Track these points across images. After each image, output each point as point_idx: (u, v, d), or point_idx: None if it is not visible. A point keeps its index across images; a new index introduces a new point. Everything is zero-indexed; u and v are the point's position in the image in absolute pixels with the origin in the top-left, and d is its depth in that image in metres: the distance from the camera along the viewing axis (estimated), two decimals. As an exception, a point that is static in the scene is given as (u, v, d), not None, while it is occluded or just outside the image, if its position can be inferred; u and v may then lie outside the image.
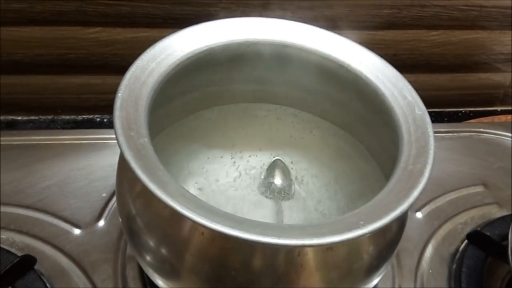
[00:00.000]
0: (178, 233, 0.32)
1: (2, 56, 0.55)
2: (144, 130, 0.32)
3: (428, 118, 0.36)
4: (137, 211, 0.35)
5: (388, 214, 0.28)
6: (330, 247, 0.31)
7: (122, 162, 0.37)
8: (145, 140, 0.31)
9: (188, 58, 0.38)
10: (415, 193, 0.30)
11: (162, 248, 0.34)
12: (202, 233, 0.31)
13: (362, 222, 0.28)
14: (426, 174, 0.31)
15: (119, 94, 0.33)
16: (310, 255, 0.31)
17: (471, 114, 0.71)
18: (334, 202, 0.45)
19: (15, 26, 0.53)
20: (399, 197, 0.30)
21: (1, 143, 0.52)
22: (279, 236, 0.27)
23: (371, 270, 0.34)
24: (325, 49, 0.41)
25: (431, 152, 0.33)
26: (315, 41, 0.41)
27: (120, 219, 0.38)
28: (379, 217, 0.28)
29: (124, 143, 0.30)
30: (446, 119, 0.70)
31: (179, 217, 0.31)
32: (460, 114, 0.71)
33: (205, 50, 0.39)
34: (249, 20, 0.42)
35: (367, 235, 0.28)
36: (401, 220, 0.36)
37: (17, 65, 0.56)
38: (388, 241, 0.35)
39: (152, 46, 0.37)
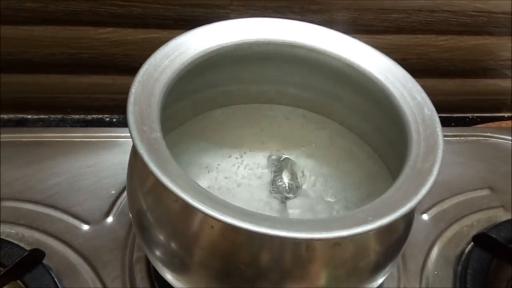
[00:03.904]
0: (188, 227, 0.33)
1: (14, 54, 0.56)
2: (156, 125, 0.32)
3: (437, 118, 0.36)
4: (148, 206, 0.35)
5: (397, 210, 0.29)
6: (338, 242, 0.31)
7: (134, 156, 0.37)
8: (158, 135, 0.32)
9: (200, 57, 0.38)
10: (424, 190, 0.30)
11: (172, 242, 0.34)
12: (212, 227, 0.31)
13: (370, 218, 0.28)
14: (435, 172, 0.32)
15: (133, 90, 0.33)
16: (318, 250, 0.31)
17: (478, 119, 0.71)
18: (342, 201, 0.45)
19: (28, 25, 0.54)
20: (407, 194, 0.30)
21: (12, 139, 0.53)
22: (288, 229, 0.27)
23: (377, 268, 0.34)
24: (335, 49, 0.41)
25: (440, 151, 0.33)
26: (325, 41, 0.42)
27: (130, 214, 0.39)
28: (388, 213, 0.28)
29: (137, 137, 0.31)
30: (453, 124, 0.70)
31: (189, 211, 0.32)
32: (467, 119, 0.71)
33: (217, 49, 0.39)
34: (260, 21, 0.42)
35: (376, 230, 0.28)
36: (408, 219, 0.37)
37: (29, 64, 0.57)
38: (394, 240, 0.35)
39: (165, 44, 0.37)
